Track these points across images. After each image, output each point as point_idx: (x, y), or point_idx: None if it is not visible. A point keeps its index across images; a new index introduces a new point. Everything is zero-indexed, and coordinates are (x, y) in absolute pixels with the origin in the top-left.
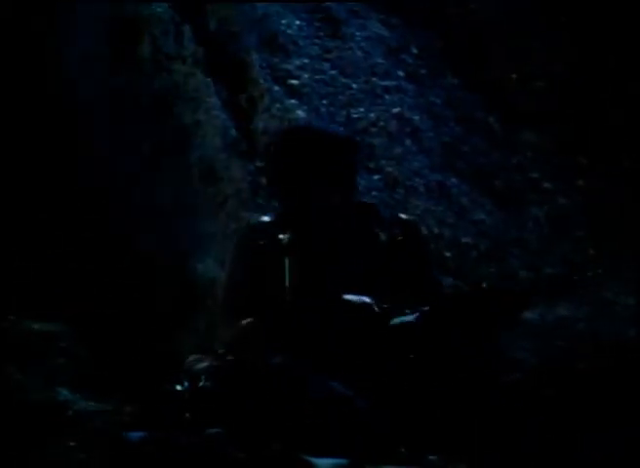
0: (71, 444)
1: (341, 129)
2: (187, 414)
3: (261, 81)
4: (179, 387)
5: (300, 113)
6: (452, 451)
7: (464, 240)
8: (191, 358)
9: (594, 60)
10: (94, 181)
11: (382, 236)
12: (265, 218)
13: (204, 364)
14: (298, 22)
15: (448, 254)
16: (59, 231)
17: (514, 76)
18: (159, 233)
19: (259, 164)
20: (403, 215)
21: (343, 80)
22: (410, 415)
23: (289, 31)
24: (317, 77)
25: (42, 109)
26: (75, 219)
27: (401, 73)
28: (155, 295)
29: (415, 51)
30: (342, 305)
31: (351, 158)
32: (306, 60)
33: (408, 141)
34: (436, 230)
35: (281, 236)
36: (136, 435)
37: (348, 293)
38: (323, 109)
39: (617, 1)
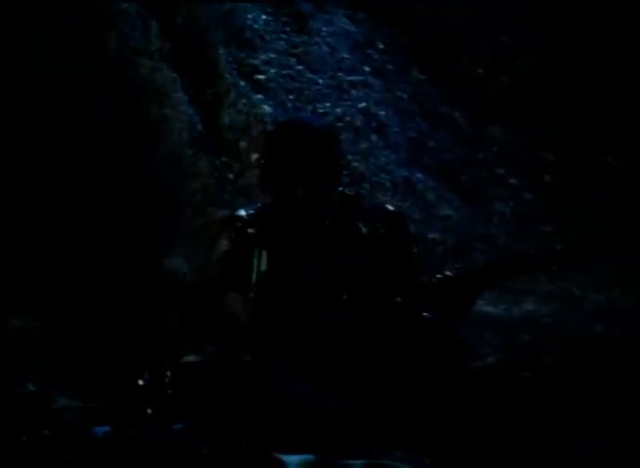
0: (42, 438)
1: (324, 120)
2: (154, 410)
3: (228, 76)
4: (143, 383)
5: (267, 108)
6: (422, 447)
7: (431, 235)
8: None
9: (558, 56)
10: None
11: (364, 229)
12: (242, 212)
13: (174, 361)
14: (264, 17)
15: (414, 250)
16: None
17: (480, 71)
18: (127, 229)
19: (225, 159)
20: (390, 207)
21: (310, 75)
22: (380, 410)
23: (255, 26)
24: (283, 72)
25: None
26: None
27: (367, 68)
28: (126, 291)
29: (381, 46)
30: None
31: (332, 150)
32: (273, 55)
33: (374, 137)
34: None
35: (250, 230)
36: (101, 430)
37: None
38: (289, 104)
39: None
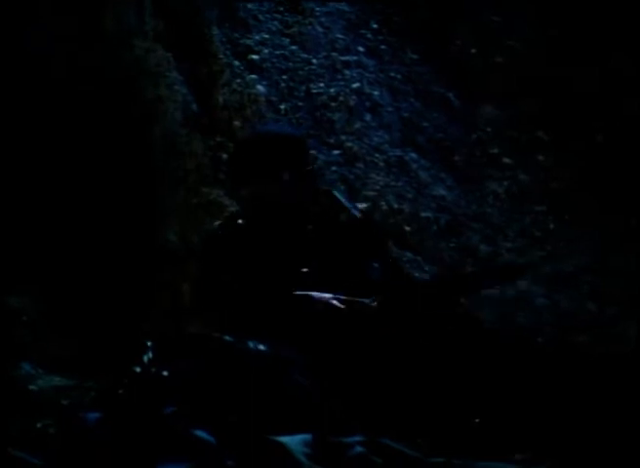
0: (32, 420)
1: (289, 128)
2: (146, 393)
3: (222, 56)
4: (137, 369)
5: (261, 88)
6: (416, 426)
7: (424, 214)
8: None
9: (559, 34)
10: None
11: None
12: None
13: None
14: None
15: (408, 229)
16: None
17: (474, 51)
18: (122, 208)
19: (219, 139)
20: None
21: (303, 55)
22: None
23: (249, 6)
24: (277, 52)
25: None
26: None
27: (361, 48)
28: (120, 269)
29: (375, 26)
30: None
31: (297, 156)
32: (267, 35)
33: (368, 116)
34: (396, 205)
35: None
36: (92, 416)
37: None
38: (283, 84)
39: None
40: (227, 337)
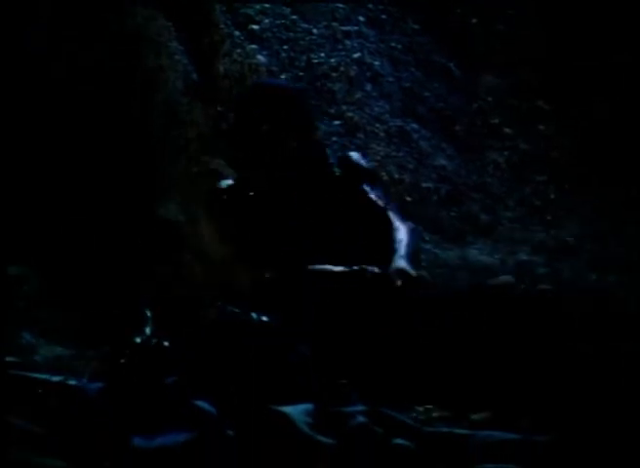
0: (34, 390)
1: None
2: (147, 365)
3: (222, 26)
4: (138, 339)
5: (261, 58)
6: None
7: (425, 185)
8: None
9: (554, 5)
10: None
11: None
12: (229, 182)
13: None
14: None
15: (409, 199)
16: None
17: (475, 21)
18: (123, 176)
19: (220, 108)
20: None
21: (304, 25)
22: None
23: None
24: (278, 22)
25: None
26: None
27: (362, 18)
28: (120, 239)
29: None
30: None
31: (301, 109)
32: (267, 5)
33: (368, 87)
34: (397, 175)
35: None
36: (93, 386)
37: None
38: (283, 54)
39: None
40: (230, 308)
